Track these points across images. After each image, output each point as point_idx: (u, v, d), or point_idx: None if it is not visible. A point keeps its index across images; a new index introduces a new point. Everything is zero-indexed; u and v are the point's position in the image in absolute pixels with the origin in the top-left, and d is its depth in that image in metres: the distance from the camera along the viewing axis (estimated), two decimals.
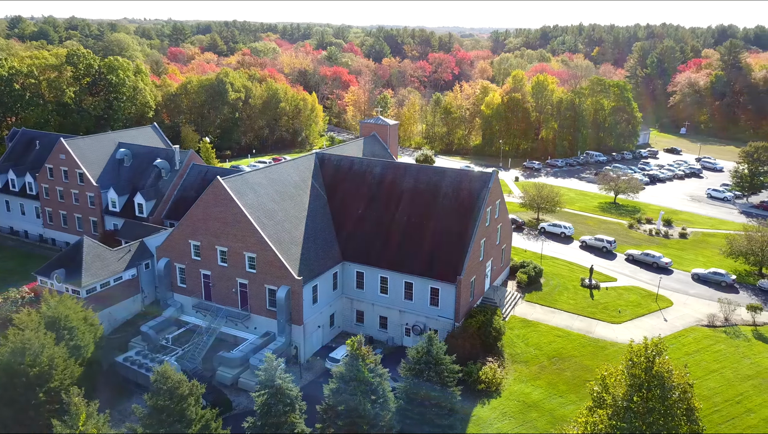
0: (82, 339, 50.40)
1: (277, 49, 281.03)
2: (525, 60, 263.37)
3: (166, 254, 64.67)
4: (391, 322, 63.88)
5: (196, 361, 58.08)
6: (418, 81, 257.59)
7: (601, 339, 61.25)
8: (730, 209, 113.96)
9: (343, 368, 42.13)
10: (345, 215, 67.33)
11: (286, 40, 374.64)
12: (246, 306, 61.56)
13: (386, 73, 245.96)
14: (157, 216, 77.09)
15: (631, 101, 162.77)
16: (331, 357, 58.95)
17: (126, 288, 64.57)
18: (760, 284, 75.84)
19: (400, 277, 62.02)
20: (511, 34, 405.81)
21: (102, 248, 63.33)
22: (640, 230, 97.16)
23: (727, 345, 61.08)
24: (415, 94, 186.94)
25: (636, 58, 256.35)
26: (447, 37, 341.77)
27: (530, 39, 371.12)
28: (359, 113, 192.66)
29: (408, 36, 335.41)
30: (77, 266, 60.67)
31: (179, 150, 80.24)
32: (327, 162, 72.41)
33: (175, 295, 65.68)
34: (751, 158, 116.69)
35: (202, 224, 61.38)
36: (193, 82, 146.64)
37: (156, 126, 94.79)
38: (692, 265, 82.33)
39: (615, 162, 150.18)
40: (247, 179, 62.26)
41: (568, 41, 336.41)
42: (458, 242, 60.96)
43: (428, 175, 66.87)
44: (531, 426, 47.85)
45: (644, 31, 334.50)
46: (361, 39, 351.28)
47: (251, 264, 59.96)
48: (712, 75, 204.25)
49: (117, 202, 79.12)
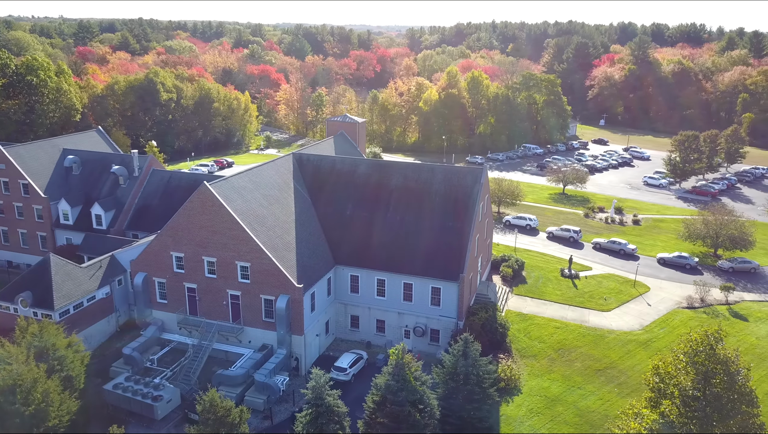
0: (72, 368, 45.18)
1: (193, 47, 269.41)
2: (447, 56, 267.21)
3: (143, 269, 59.46)
4: (389, 325, 62.04)
5: (192, 382, 53.79)
6: (344, 79, 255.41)
7: (597, 328, 62.37)
8: (667, 195, 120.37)
9: (385, 378, 39.99)
10: (333, 217, 64.74)
11: (198, 39, 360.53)
12: (238, 319, 57.72)
13: (311, 71, 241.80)
14: (118, 227, 71.00)
15: (561, 95, 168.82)
16: (336, 366, 56.37)
17: (100, 308, 58.86)
18: (719, 265, 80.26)
19: (399, 278, 60.30)
20: (425, 32, 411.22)
21: (71, 266, 57.30)
22: (596, 219, 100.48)
23: (710, 324, 63.73)
24: (351, 92, 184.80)
25: (551, 53, 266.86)
26: (366, 35, 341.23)
27: (446, 36, 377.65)
28: (292, 111, 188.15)
29: (327, 33, 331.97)
30: (46, 287, 54.51)
31: (137, 155, 74.23)
32: (306, 163, 69.39)
33: (155, 312, 60.60)
34: (682, 146, 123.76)
35: (186, 234, 56.88)
36: (120, 82, 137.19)
37: (101, 130, 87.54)
38: (653, 250, 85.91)
39: (553, 154, 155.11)
40: (233, 184, 58.34)
41: (484, 38, 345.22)
42: (457, 239, 60.02)
43: (417, 172, 65.49)
44: (562, 421, 47.73)
45: (554, 29, 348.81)
46: (278, 37, 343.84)
47: (244, 274, 56.23)
48: (625, 69, 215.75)
49: (70, 214, 72.15)
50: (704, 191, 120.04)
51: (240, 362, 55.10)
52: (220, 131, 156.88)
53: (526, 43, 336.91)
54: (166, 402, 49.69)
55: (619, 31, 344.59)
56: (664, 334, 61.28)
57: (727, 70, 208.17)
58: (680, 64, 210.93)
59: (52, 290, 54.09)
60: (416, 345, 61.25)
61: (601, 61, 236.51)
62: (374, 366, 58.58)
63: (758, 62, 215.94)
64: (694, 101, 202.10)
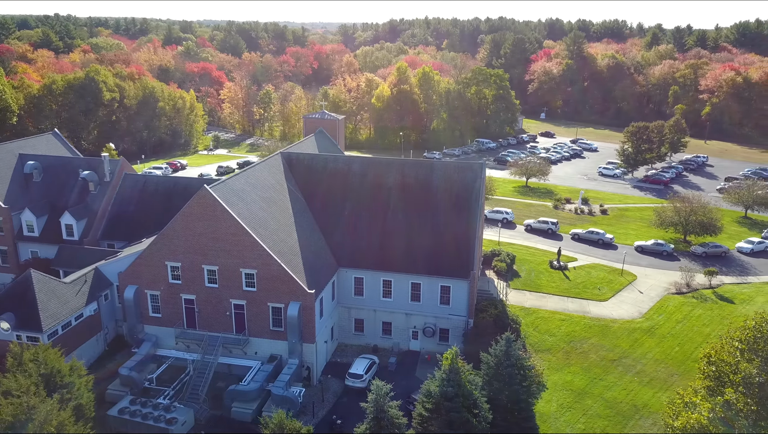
0: (81, 395, 40.93)
1: (121, 45, 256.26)
2: (387, 53, 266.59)
3: (134, 281, 55.00)
4: (395, 327, 60.29)
5: (200, 400, 50.18)
6: (283, 76, 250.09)
7: (600, 318, 63.05)
8: (623, 185, 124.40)
9: (435, 383, 38.33)
10: (330, 218, 62.25)
11: (122, 36, 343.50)
12: (243, 330, 54.39)
13: (250, 69, 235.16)
14: (92, 237, 65.57)
15: (509, 90, 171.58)
16: (351, 373, 54.13)
17: (88, 327, 53.98)
18: (693, 250, 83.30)
19: (406, 278, 58.64)
20: (358, 29, 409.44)
21: (55, 282, 52.16)
22: (566, 210, 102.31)
23: (702, 309, 66.01)
24: (299, 89, 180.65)
25: (488, 49, 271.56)
26: (300, 31, 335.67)
27: (380, 33, 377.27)
28: (237, 110, 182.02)
29: (261, 30, 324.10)
30: (29, 307, 49.32)
31: (108, 159, 68.82)
32: (296, 162, 66.44)
33: (147, 327, 56.26)
34: (634, 137, 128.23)
35: (184, 242, 53.00)
36: (59, 82, 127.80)
37: (58, 133, 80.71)
38: (627, 238, 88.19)
39: (506, 148, 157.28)
40: (231, 186, 54.84)
41: (418, 34, 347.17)
42: (463, 236, 58.94)
43: (415, 169, 63.95)
44: (594, 414, 47.63)
45: (485, 25, 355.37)
46: (209, 34, 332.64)
47: (250, 282, 52.99)
48: (563, 64, 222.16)
49: (35, 225, 65.99)
50: (657, 180, 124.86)
51: (251, 375, 51.87)
52: (166, 132, 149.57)
53: (460, 39, 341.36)
54: (181, 424, 46.02)
55: (547, 27, 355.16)
56: (663, 321, 62.66)
57: (656, 64, 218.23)
58: (614, 58, 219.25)
59: (38, 310, 48.99)
60: (425, 345, 59.88)
61: (539, 56, 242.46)
62: (386, 370, 56.81)
63: (683, 56, 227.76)
64: (629, 94, 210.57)
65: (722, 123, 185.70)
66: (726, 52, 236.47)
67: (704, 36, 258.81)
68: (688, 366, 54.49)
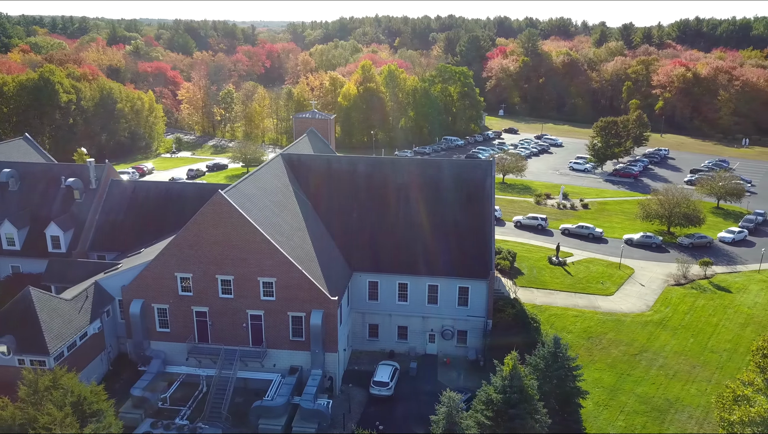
0: (111, 424, 37.66)
1: (63, 44, 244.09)
2: (342, 51, 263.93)
3: (140, 295, 51.51)
4: (411, 331, 58.76)
5: (223, 418, 47.34)
6: (237, 75, 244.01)
7: (612, 312, 63.36)
8: (595, 179, 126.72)
9: (492, 389, 37.06)
10: (339, 220, 60.15)
11: (59, 35, 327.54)
12: (260, 342, 51.72)
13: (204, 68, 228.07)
14: (80, 249, 61.17)
15: (474, 87, 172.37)
16: (377, 381, 52.28)
17: (92, 346, 50.10)
18: (680, 241, 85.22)
19: (423, 280, 57.19)
20: (307, 27, 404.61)
21: (56, 300, 48.11)
22: (548, 205, 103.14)
23: (704, 299, 67.36)
24: (261, 88, 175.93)
25: (442, 47, 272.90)
26: (250, 30, 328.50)
27: (330, 31, 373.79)
28: (196, 110, 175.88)
29: (210, 28, 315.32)
30: (32, 328, 45.25)
31: (94, 164, 64.39)
32: (298, 164, 63.94)
33: (153, 343, 52.80)
34: (603, 132, 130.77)
35: (196, 252, 49.93)
36: (9, 83, 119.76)
37: (29, 137, 75.26)
38: (613, 232, 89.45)
39: (475, 145, 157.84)
40: (242, 191, 52.06)
41: (370, 32, 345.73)
42: (479, 235, 57.98)
43: (422, 168, 62.61)
44: (632, 411, 47.53)
45: (436, 23, 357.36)
46: (155, 32, 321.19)
47: (268, 291, 50.44)
48: (519, 61, 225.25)
49: (16, 238, 61.03)
50: (627, 173, 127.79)
51: (273, 389, 49.32)
52: (125, 135, 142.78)
53: (412, 37, 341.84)
54: None
55: (497, 25, 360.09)
56: (672, 313, 63.51)
57: (608, 60, 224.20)
58: (568, 55, 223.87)
59: (42, 331, 44.99)
60: (442, 348, 58.65)
61: (494, 53, 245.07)
62: (407, 375, 55.30)
63: (632, 53, 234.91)
64: (584, 90, 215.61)
65: (674, 117, 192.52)
66: (671, 49, 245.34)
67: (650, 33, 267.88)
68: (707, 357, 55.29)
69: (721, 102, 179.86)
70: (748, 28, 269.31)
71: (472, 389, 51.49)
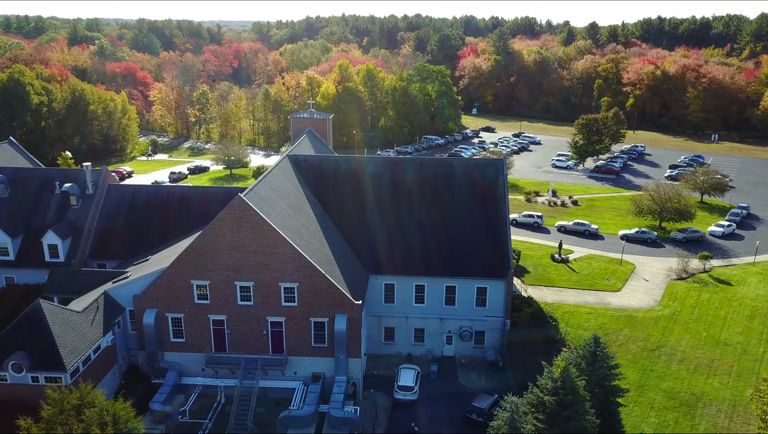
0: None
1: (22, 44, 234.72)
2: (314, 50, 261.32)
3: (153, 304, 49.36)
4: (428, 333, 57.88)
5: (248, 429, 45.63)
6: (207, 75, 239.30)
7: (622, 308, 63.72)
8: (578, 175, 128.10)
9: (541, 393, 36.45)
10: (351, 222, 58.89)
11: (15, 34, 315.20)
12: (280, 349, 50.11)
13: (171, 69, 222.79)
14: (79, 258, 58.30)
15: (451, 85, 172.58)
16: (402, 385, 51.20)
17: (105, 359, 47.65)
18: (673, 236, 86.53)
19: (440, 282, 56.36)
20: (273, 26, 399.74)
21: (67, 312, 45.53)
22: (538, 203, 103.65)
23: (708, 292, 68.39)
24: (236, 88, 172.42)
25: (412, 46, 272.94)
26: (216, 29, 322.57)
27: (296, 30, 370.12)
28: (169, 112, 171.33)
29: (175, 28, 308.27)
30: (45, 343, 42.70)
31: (90, 169, 61.51)
32: (305, 166, 62.42)
33: (167, 355, 50.64)
34: (585, 129, 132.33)
35: (214, 258, 48.04)
36: None
37: (14, 141, 71.60)
38: (607, 228, 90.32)
39: (457, 144, 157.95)
40: (260, 195, 50.30)
41: (338, 32, 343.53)
42: (495, 235, 57.45)
43: (434, 168, 61.78)
44: (661, 407, 47.66)
45: (403, 22, 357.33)
46: (118, 32, 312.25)
47: (289, 297, 48.89)
48: (491, 59, 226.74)
49: (10, 247, 57.77)
50: (609, 170, 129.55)
51: (298, 398, 47.83)
52: (98, 137, 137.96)
53: (380, 36, 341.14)
54: None
55: (463, 24, 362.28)
56: (680, 307, 64.22)
57: (577, 59, 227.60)
58: (539, 54, 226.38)
59: (57, 346, 42.48)
60: (459, 349, 57.97)
61: (466, 52, 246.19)
62: (428, 378, 54.41)
63: (601, 51, 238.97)
64: (555, 88, 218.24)
65: (644, 114, 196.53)
66: (637, 47, 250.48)
67: (616, 32, 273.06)
68: (723, 350, 56.01)
69: (689, 99, 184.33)
70: (709, 27, 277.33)
71: (497, 390, 51.16)
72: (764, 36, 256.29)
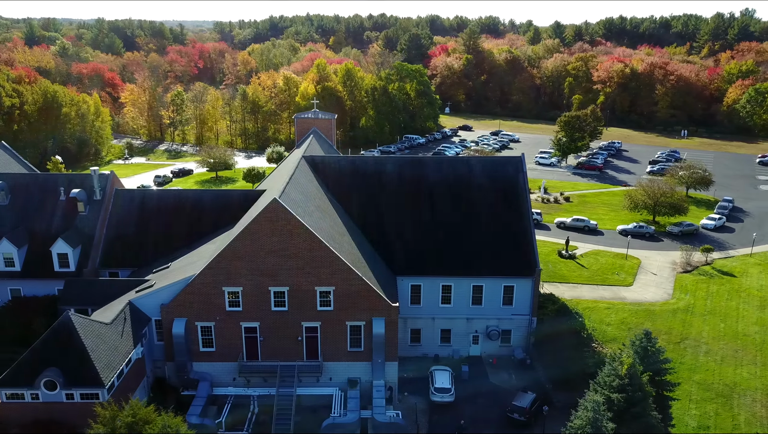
0: None
1: None
2: (283, 50, 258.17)
3: (182, 313, 47.40)
4: (455, 334, 57.40)
5: None
6: (174, 75, 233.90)
7: (639, 302, 64.52)
8: (562, 172, 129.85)
9: (604, 392, 36.30)
10: (373, 223, 57.93)
11: None
12: (315, 355, 48.82)
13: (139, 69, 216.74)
14: (91, 267, 55.62)
15: (429, 84, 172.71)
16: (438, 388, 50.56)
17: (135, 373, 45.49)
18: (669, 230, 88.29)
19: (468, 281, 55.89)
20: (236, 26, 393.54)
21: (97, 324, 43.26)
22: (532, 200, 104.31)
23: (716, 284, 69.92)
24: (211, 89, 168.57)
25: (381, 45, 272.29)
26: (179, 30, 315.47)
27: (260, 30, 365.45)
28: (141, 114, 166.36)
29: (137, 28, 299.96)
30: (79, 358, 40.41)
31: (98, 173, 58.74)
32: (321, 166, 61.14)
33: (195, 365, 48.74)
34: (567, 126, 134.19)
35: (247, 263, 46.43)
36: None
37: (6, 146, 67.96)
38: (603, 223, 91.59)
39: (439, 143, 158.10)
40: (291, 196, 48.83)
41: (303, 31, 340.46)
42: (520, 233, 57.29)
43: (452, 167, 61.27)
44: (700, 399, 48.32)
45: (369, 22, 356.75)
46: (75, 31, 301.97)
47: (325, 301, 47.66)
48: (463, 58, 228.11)
49: (15, 257, 54.67)
50: (592, 166, 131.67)
51: (337, 404, 46.69)
52: (71, 141, 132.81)
53: (346, 36, 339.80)
54: None
55: (429, 23, 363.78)
56: (693, 299, 65.45)
57: (546, 58, 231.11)
58: (510, 53, 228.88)
59: (92, 361, 40.26)
60: (485, 349, 57.68)
61: (437, 51, 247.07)
62: (459, 379, 53.87)
63: (568, 50, 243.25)
64: (526, 87, 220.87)
65: (614, 111, 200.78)
66: (603, 46, 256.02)
67: (581, 31, 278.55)
68: (744, 341, 57.24)
69: (658, 96, 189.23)
70: (668, 26, 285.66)
71: (530, 388, 51.12)
72: (721, 35, 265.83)
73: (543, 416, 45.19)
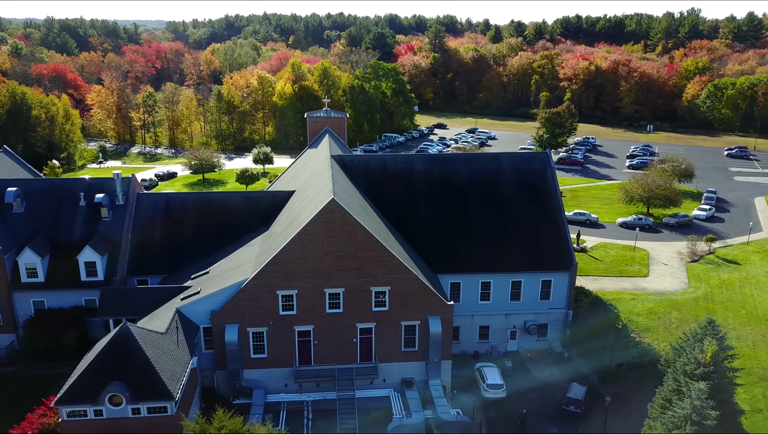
0: None
1: None
2: (247, 49, 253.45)
3: (234, 320, 45.80)
4: (493, 329, 57.53)
5: None
6: (135, 76, 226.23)
7: (661, 292, 66.18)
8: None
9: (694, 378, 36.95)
10: (408, 221, 57.38)
11: None
12: (369, 357, 48.01)
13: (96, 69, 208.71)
14: (120, 276, 53.05)
15: (405, 83, 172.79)
16: (491, 384, 50.59)
17: (192, 383, 43.61)
18: (666, 221, 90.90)
19: (506, 277, 56.10)
20: (189, 26, 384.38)
21: (155, 335, 41.23)
22: None
23: (724, 272, 72.40)
24: (182, 89, 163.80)
25: (344, 44, 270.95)
26: (134, 29, 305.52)
27: (216, 30, 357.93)
28: (108, 116, 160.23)
29: (89, 27, 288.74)
30: (143, 370, 38.37)
31: (121, 176, 56.07)
32: (351, 165, 60.20)
33: (246, 372, 47.19)
34: (548, 123, 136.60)
35: (302, 265, 45.28)
36: None
37: (9, 150, 64.12)
38: (601, 217, 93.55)
39: (419, 141, 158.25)
40: (340, 196, 47.73)
41: (262, 30, 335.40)
42: (554, 227, 57.92)
43: (482, 163, 61.44)
44: (746, 382, 49.58)
45: (328, 21, 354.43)
46: (23, 30, 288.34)
47: (380, 301, 46.97)
48: (430, 57, 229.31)
49: (39, 267, 51.61)
50: (574, 161, 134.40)
51: (398, 406, 46.11)
52: (42, 145, 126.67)
53: (305, 35, 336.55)
54: None
55: (387, 22, 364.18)
56: (710, 288, 67.56)
57: (510, 56, 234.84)
58: (476, 51, 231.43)
59: (157, 373, 38.32)
60: (522, 343, 58.01)
61: (403, 50, 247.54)
62: (504, 374, 53.91)
63: (531, 48, 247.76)
64: (494, 84, 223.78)
65: (580, 107, 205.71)
66: (563, 44, 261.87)
67: (541, 30, 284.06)
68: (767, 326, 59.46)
69: (623, 92, 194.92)
70: (623, 24, 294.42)
71: (576, 380, 51.72)
72: (673, 33, 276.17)
73: (605, 407, 45.68)
